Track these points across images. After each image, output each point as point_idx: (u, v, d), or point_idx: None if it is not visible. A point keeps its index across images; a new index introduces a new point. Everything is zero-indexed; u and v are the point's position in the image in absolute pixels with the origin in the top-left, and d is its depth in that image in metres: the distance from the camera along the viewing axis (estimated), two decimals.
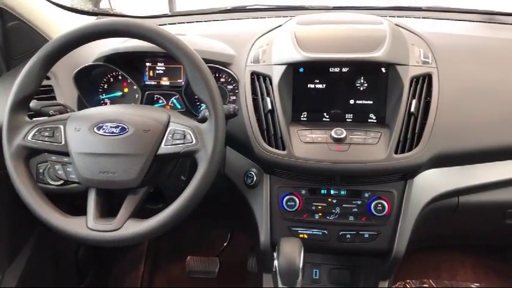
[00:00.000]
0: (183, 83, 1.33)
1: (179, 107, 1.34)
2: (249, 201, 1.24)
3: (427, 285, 1.89)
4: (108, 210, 1.04)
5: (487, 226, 1.46)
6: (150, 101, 1.35)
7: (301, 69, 1.20)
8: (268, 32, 1.34)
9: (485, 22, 1.57)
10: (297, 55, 1.18)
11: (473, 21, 1.58)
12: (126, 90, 1.37)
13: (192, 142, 1.00)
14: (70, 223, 1.00)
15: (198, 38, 1.38)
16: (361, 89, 1.20)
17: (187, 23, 1.65)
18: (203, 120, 1.05)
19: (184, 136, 1.01)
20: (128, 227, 0.99)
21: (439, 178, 1.21)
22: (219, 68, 1.28)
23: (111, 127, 1.02)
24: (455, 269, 1.92)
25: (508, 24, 1.56)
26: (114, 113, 1.05)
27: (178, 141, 1.00)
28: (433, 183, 1.20)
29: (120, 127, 1.02)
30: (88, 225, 0.99)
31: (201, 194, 0.99)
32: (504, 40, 1.39)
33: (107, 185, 1.02)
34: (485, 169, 1.22)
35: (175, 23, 1.64)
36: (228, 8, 1.72)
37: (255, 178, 1.22)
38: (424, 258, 1.92)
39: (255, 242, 1.28)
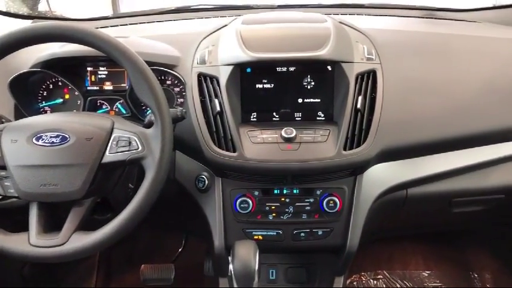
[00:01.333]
0: (127, 87, 1.29)
1: (124, 112, 1.30)
2: (202, 205, 1.22)
3: (381, 276, 1.94)
4: (52, 224, 0.99)
5: (434, 215, 1.52)
6: (93, 107, 1.30)
7: (249, 70, 1.19)
8: (213, 32, 1.32)
9: (425, 18, 1.63)
10: (244, 55, 1.17)
11: (414, 17, 1.62)
12: (67, 96, 1.31)
13: (138, 149, 0.96)
14: (10, 240, 0.95)
15: (141, 40, 1.34)
16: (309, 87, 1.20)
17: (130, 24, 1.60)
18: (149, 125, 1.02)
19: (130, 143, 0.97)
20: (74, 241, 0.94)
21: (388, 172, 1.23)
22: (164, 70, 1.25)
23: (50, 137, 0.97)
24: (407, 258, 1.98)
25: (446, 19, 1.62)
26: (54, 122, 1.00)
27: (123, 149, 0.97)
28: (381, 177, 1.23)
29: (60, 136, 0.97)
30: (30, 242, 0.94)
31: (151, 202, 0.96)
32: (443, 35, 1.44)
33: (49, 198, 0.97)
34: (430, 161, 1.26)
35: (117, 25, 1.58)
36: (172, 8, 1.68)
37: (206, 182, 1.20)
38: (377, 250, 1.97)
39: (210, 247, 1.25)
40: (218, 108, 1.15)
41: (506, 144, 1.29)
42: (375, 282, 1.92)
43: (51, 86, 1.30)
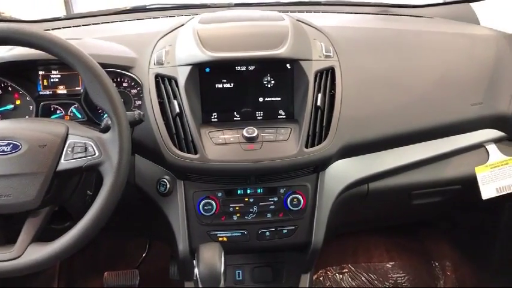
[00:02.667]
0: (82, 90, 1.24)
1: (80, 116, 1.26)
2: (164, 210, 1.19)
3: (346, 270, 1.97)
4: (6, 237, 0.95)
5: (395, 208, 1.55)
6: (47, 113, 1.25)
7: (207, 69, 1.18)
8: (170, 32, 1.30)
9: (380, 14, 1.65)
10: (202, 55, 1.15)
11: (370, 14, 1.65)
12: (18, 102, 1.25)
13: (94, 154, 0.93)
14: None
15: (94, 41, 1.30)
16: (269, 86, 1.20)
17: (83, 26, 1.55)
18: (106, 129, 0.99)
19: (86, 149, 0.94)
20: (30, 253, 0.90)
21: (349, 167, 1.25)
22: (120, 72, 1.21)
23: (1, 145, 0.93)
24: (371, 251, 2.02)
25: (400, 15, 1.65)
26: (4, 130, 0.96)
27: (79, 155, 0.94)
28: (343, 173, 1.24)
29: (11, 145, 0.93)
30: None
31: (110, 209, 0.93)
32: (398, 31, 1.47)
33: (1, 210, 0.92)
34: (390, 155, 1.28)
35: (69, 27, 1.53)
36: (128, 8, 1.64)
37: (168, 185, 1.17)
38: (342, 245, 2.00)
39: (174, 251, 1.23)
40: (177, 110, 1.13)
41: (461, 136, 1.33)
42: (341, 276, 1.95)
43: (0, 92, 1.25)
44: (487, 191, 1.33)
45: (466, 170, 1.34)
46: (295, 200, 1.19)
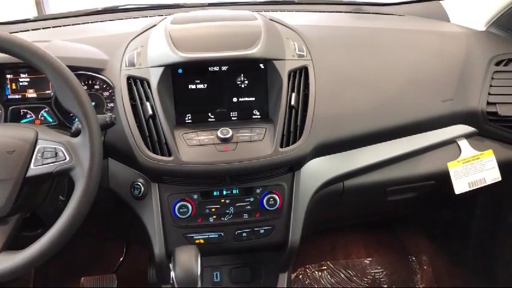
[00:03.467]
0: (52, 94, 1.22)
1: (51, 120, 1.23)
2: (139, 213, 1.18)
3: (325, 267, 1.98)
4: None
5: (371, 205, 1.57)
6: (16, 117, 1.22)
7: (180, 70, 1.16)
8: (142, 33, 1.28)
9: (353, 12, 1.66)
10: (174, 56, 1.14)
11: (343, 12, 1.66)
12: None
13: (65, 159, 0.92)
14: None
15: (64, 43, 1.27)
16: (243, 86, 1.20)
17: (53, 27, 1.52)
18: (77, 133, 0.97)
19: (56, 154, 0.92)
20: (0, 262, 0.88)
21: (324, 166, 1.25)
22: (91, 74, 1.19)
23: None
24: (349, 247, 2.04)
25: (373, 13, 1.67)
26: None
27: (49, 160, 0.92)
28: (319, 171, 1.25)
29: None
30: None
31: (82, 214, 0.91)
32: (370, 29, 1.49)
33: None
34: (364, 153, 1.29)
35: (38, 29, 1.49)
36: (99, 9, 1.61)
37: (142, 189, 1.16)
38: (320, 242, 2.01)
39: (151, 254, 1.22)
40: (150, 112, 1.12)
41: (433, 132, 1.34)
42: (320, 273, 1.96)
43: None
44: (460, 186, 1.35)
45: (439, 165, 1.35)
46: (271, 199, 1.19)
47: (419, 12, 1.68)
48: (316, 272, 1.96)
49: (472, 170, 1.35)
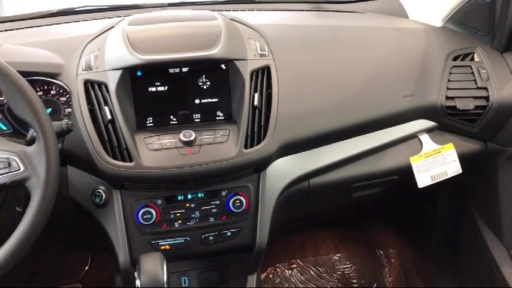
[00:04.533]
0: (5, 100, 1.16)
1: (5, 128, 1.17)
2: (101, 221, 1.14)
3: (295, 265, 1.98)
4: None
5: (337, 201, 1.58)
6: None
7: (139, 73, 1.13)
8: (99, 35, 1.24)
9: (314, 10, 1.67)
10: (132, 58, 1.11)
11: (303, 11, 1.66)
12: None
13: (19, 170, 0.88)
14: None
15: (17, 48, 1.22)
16: (205, 87, 1.18)
17: (5, 31, 1.45)
18: (31, 142, 0.93)
19: (9, 164, 0.88)
20: None
21: (289, 165, 1.25)
22: (47, 80, 1.15)
23: None
24: (318, 245, 2.05)
25: (334, 11, 1.68)
26: None
27: (2, 171, 0.88)
28: (284, 171, 1.24)
29: None
30: None
31: (40, 225, 0.88)
32: (331, 27, 1.49)
33: None
34: (328, 151, 1.30)
35: None
36: (54, 11, 1.55)
37: (103, 196, 1.12)
38: (289, 240, 2.01)
39: (116, 262, 1.19)
40: (109, 116, 1.08)
41: (395, 128, 1.36)
42: (290, 272, 1.96)
43: None
44: (423, 180, 1.37)
45: (402, 160, 1.37)
46: (237, 201, 1.18)
47: (379, 9, 1.70)
48: (286, 271, 1.97)
49: (433, 163, 1.38)
